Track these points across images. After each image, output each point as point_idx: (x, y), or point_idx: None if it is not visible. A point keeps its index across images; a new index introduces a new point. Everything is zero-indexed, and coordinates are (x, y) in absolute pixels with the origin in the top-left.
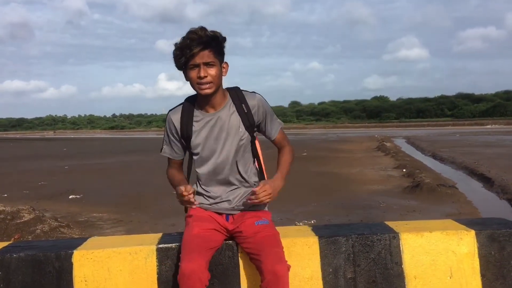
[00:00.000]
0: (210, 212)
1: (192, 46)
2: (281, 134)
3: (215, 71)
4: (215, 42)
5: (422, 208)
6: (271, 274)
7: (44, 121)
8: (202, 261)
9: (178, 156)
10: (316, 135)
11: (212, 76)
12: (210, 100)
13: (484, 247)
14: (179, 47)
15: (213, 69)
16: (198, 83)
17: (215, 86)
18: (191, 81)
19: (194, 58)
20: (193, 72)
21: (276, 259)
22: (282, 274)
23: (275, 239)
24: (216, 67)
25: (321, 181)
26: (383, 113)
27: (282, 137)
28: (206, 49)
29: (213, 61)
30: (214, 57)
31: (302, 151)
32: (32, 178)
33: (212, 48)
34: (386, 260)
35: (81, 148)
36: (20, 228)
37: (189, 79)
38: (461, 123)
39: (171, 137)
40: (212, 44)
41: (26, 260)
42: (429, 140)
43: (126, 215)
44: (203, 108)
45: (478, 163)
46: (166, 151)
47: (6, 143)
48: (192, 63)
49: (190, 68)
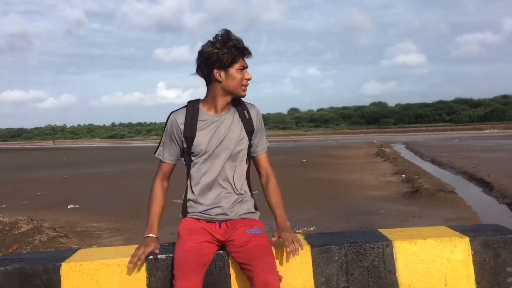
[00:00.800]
0: (202, 223)
1: (245, 49)
2: (267, 154)
3: None
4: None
5: (422, 213)
6: (263, 284)
7: (43, 131)
8: (197, 280)
9: (170, 161)
10: (315, 141)
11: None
12: (229, 103)
13: (479, 254)
14: (236, 46)
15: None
16: (244, 84)
17: None
18: (236, 81)
19: (244, 60)
20: (241, 73)
21: (267, 270)
22: (274, 285)
23: (267, 249)
24: None
25: (320, 188)
26: (381, 119)
27: (267, 157)
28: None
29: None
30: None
31: (301, 157)
32: (31, 188)
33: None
34: (380, 268)
35: (80, 158)
36: (18, 239)
37: (234, 79)
38: (459, 128)
39: (170, 138)
40: (250, 52)
41: (13, 273)
42: (428, 145)
43: (125, 224)
44: (210, 110)
45: (477, 168)
46: (159, 153)
47: (5, 153)
48: (243, 65)
49: (237, 68)
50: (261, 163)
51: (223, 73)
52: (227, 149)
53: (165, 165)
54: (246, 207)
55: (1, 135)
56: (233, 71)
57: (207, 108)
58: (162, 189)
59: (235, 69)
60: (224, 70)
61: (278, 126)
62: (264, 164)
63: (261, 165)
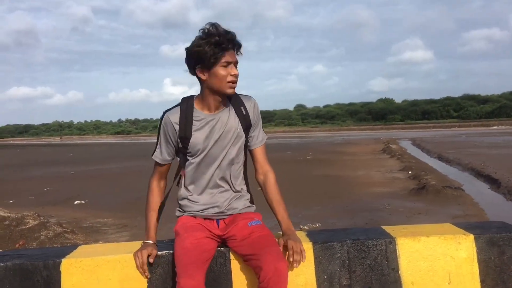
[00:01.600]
0: (199, 220)
1: (229, 43)
2: (264, 148)
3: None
4: (241, 46)
5: (428, 210)
6: (274, 271)
7: (50, 127)
8: (201, 276)
9: (168, 161)
10: (321, 138)
11: (237, 77)
12: (221, 100)
13: (484, 252)
14: (216, 42)
15: (237, 70)
16: (230, 81)
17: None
18: (221, 78)
19: (228, 55)
20: (225, 69)
21: (276, 258)
22: (284, 272)
23: (271, 238)
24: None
25: (326, 184)
26: (388, 115)
27: (264, 151)
28: (234, 49)
29: (238, 62)
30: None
31: (307, 154)
32: (38, 184)
33: (238, 50)
34: (383, 266)
35: (87, 154)
36: (24, 235)
37: (218, 76)
38: (467, 124)
39: (166, 139)
40: (240, 46)
41: (13, 269)
42: (434, 141)
43: (131, 220)
44: (204, 108)
45: (485, 165)
46: (157, 156)
47: (12, 149)
48: (227, 60)
49: (222, 65)
50: (257, 157)
51: (206, 72)
52: (224, 148)
53: (160, 167)
54: (243, 203)
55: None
56: (216, 69)
57: (201, 107)
58: (159, 189)
59: (219, 66)
60: (208, 69)
61: (284, 122)
62: (260, 159)
63: (258, 160)
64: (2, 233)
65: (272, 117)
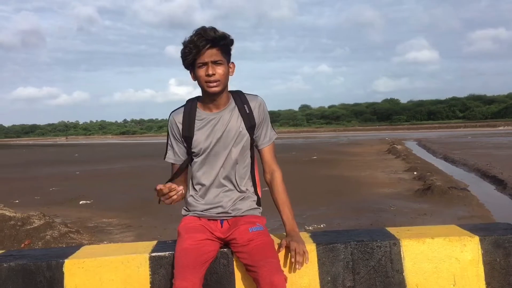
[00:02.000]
0: (203, 220)
1: (200, 43)
2: (272, 147)
3: (223, 69)
4: (223, 42)
5: (433, 211)
6: (269, 286)
7: (56, 127)
8: (196, 278)
9: (180, 161)
10: (326, 138)
11: (219, 75)
12: (215, 100)
13: (489, 254)
14: (187, 45)
15: (221, 68)
16: (207, 81)
17: (222, 85)
18: (199, 80)
19: (203, 56)
20: (201, 70)
21: (272, 271)
22: (280, 285)
23: (270, 248)
24: (223, 65)
25: (331, 185)
26: (393, 116)
27: (272, 150)
28: (214, 48)
29: (221, 60)
30: (221, 55)
31: (312, 154)
32: (43, 184)
33: (220, 47)
34: (387, 267)
35: (93, 154)
36: (30, 234)
37: (197, 78)
38: (473, 124)
39: (174, 139)
40: (220, 43)
41: (16, 269)
42: (440, 142)
43: (136, 220)
44: (206, 108)
45: (491, 165)
46: (170, 157)
47: (19, 149)
48: (201, 61)
49: (198, 67)
50: (264, 157)
51: (192, 74)
52: (226, 147)
53: (177, 166)
54: (248, 204)
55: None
56: (196, 70)
57: (203, 107)
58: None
59: (196, 67)
60: (191, 71)
61: (289, 122)
62: (267, 158)
63: (265, 160)
64: (8, 233)
65: (277, 117)
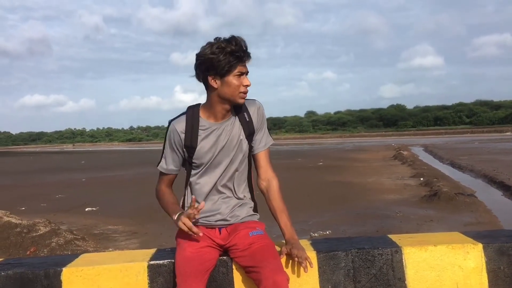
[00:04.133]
0: (202, 228)
1: (244, 54)
2: (267, 153)
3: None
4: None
5: (440, 217)
6: (272, 285)
7: (63, 134)
8: (200, 287)
9: (173, 171)
10: (332, 144)
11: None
12: (229, 110)
13: (493, 261)
14: (232, 51)
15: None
16: (242, 92)
17: None
18: (234, 88)
19: (243, 65)
20: (238, 79)
21: (275, 270)
22: (283, 285)
23: (272, 250)
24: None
25: (337, 191)
26: (400, 122)
27: (267, 156)
28: (248, 60)
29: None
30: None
31: (318, 160)
32: (50, 191)
33: (249, 60)
34: (388, 276)
35: (99, 161)
36: (35, 241)
37: (230, 86)
38: (479, 130)
39: (171, 149)
40: (250, 57)
41: (14, 278)
42: (447, 148)
43: (141, 227)
44: (210, 117)
45: (498, 171)
46: (163, 166)
47: (25, 156)
48: (241, 71)
49: (235, 74)
50: (260, 162)
51: (218, 80)
52: (227, 156)
53: (165, 176)
54: (246, 211)
55: (22, 139)
56: (229, 78)
57: (207, 115)
58: (169, 189)
59: (232, 75)
60: (220, 77)
61: (295, 129)
62: (263, 163)
63: (260, 165)
64: (14, 240)
65: (283, 123)
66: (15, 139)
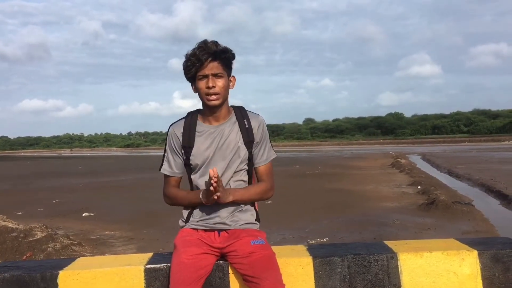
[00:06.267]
0: (200, 233)
1: (202, 56)
2: (268, 167)
3: (223, 82)
4: (224, 55)
5: (437, 225)
6: None
7: (61, 139)
8: None
9: (177, 174)
10: (330, 152)
11: (219, 87)
12: (215, 112)
13: (488, 268)
14: (189, 58)
15: (221, 81)
16: (207, 94)
17: (222, 98)
18: (200, 92)
19: (204, 68)
20: (201, 83)
21: (275, 283)
22: None
23: (272, 261)
24: (224, 78)
25: (335, 198)
26: (398, 130)
27: (268, 170)
28: (215, 61)
29: (221, 73)
30: (222, 69)
31: (316, 168)
32: (47, 196)
33: (221, 60)
34: (384, 281)
35: (97, 166)
36: (32, 246)
37: (198, 90)
38: (477, 139)
39: (172, 151)
40: (221, 56)
41: (11, 280)
42: (445, 156)
43: (138, 233)
44: (206, 121)
45: (495, 180)
46: (165, 168)
47: (23, 161)
48: (201, 74)
49: (199, 79)
50: (261, 176)
51: (193, 86)
52: (224, 159)
53: (172, 179)
54: (247, 217)
55: (20, 143)
56: (196, 82)
57: (204, 119)
58: (178, 188)
59: (197, 79)
60: (192, 83)
61: (293, 136)
62: (265, 178)
63: (262, 179)
64: (10, 244)
65: (281, 130)
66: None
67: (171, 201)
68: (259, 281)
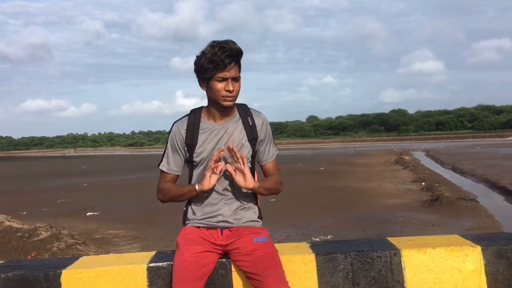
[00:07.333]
0: (202, 231)
1: (225, 59)
2: (275, 163)
3: (239, 85)
4: (241, 57)
5: (442, 222)
6: None
7: (65, 139)
8: None
9: (174, 171)
10: (333, 149)
11: (237, 91)
12: (224, 112)
13: (491, 264)
14: (210, 58)
15: (238, 84)
16: (224, 96)
17: (236, 100)
18: (216, 93)
19: (225, 71)
20: (220, 84)
21: (278, 280)
22: None
23: (275, 259)
24: (239, 81)
25: (339, 196)
26: (401, 126)
27: (275, 166)
28: (236, 64)
29: (239, 76)
30: (239, 72)
31: (320, 165)
32: (51, 195)
33: (239, 63)
34: (387, 278)
35: (100, 166)
36: (37, 246)
37: (213, 90)
38: (481, 135)
39: (173, 149)
40: (239, 59)
41: (14, 280)
42: (448, 152)
43: (143, 232)
44: (210, 118)
45: (500, 176)
46: (164, 165)
47: (27, 161)
48: (222, 76)
49: (217, 80)
50: (271, 171)
51: (206, 84)
52: (228, 156)
53: (169, 175)
54: (250, 215)
55: (24, 144)
56: (213, 82)
57: (208, 117)
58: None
59: (214, 80)
60: (207, 81)
61: (296, 134)
62: (270, 170)
63: (267, 171)
64: (15, 244)
65: (284, 128)
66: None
67: (163, 195)
68: (262, 279)
